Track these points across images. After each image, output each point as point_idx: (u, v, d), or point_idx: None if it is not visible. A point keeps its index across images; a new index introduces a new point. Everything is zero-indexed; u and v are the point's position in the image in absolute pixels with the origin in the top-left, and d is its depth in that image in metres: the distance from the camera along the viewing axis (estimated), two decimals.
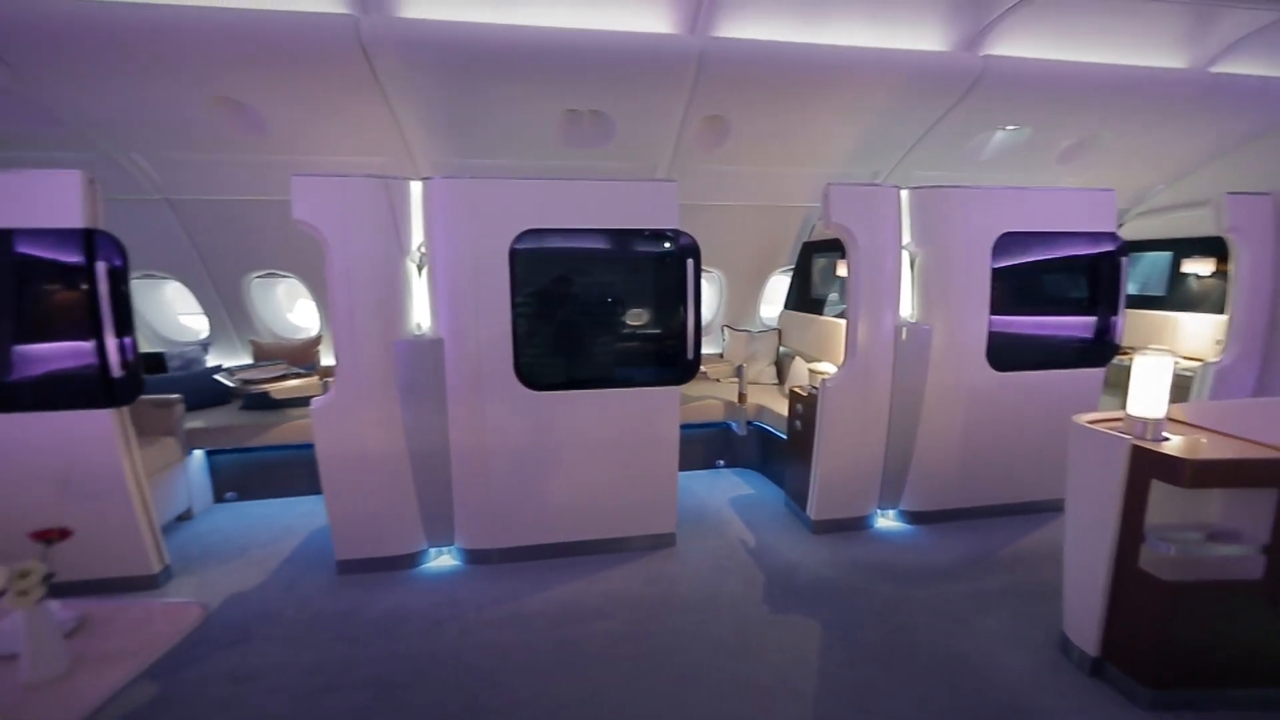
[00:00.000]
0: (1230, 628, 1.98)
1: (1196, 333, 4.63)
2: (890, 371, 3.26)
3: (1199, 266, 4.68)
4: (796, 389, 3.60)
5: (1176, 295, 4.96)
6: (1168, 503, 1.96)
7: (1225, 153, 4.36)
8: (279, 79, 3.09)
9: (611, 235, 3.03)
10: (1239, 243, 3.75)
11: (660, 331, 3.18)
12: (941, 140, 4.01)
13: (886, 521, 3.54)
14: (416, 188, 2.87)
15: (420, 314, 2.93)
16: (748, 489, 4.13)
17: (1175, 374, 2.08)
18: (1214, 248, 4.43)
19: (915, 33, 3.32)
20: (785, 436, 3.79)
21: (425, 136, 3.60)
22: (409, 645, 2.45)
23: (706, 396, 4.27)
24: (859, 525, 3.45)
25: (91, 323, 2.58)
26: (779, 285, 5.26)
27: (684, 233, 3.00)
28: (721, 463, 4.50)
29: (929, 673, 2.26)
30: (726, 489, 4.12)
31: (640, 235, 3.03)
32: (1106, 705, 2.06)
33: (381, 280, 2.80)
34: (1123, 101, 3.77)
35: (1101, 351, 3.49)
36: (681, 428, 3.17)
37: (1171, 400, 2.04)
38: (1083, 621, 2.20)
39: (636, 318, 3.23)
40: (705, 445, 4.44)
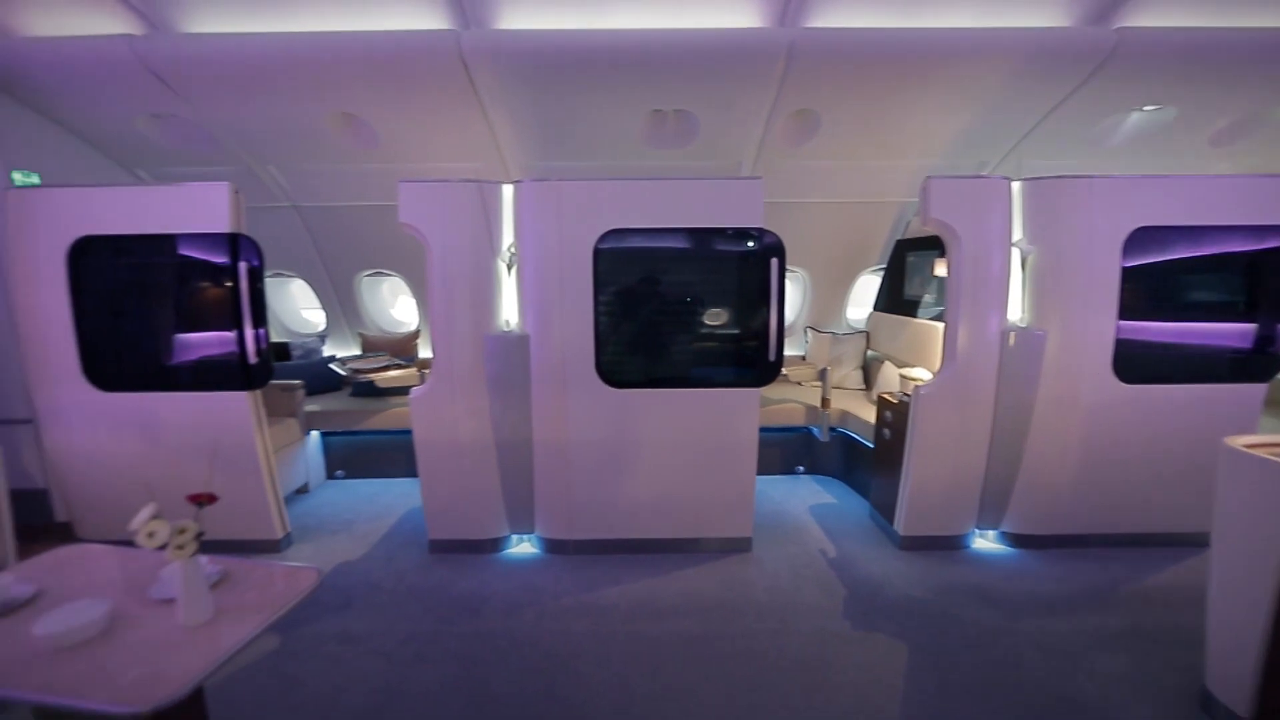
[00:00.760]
0: None
1: None
2: (994, 380, 2.99)
3: None
4: (886, 395, 3.40)
5: None
6: None
7: None
8: (389, 93, 3.36)
9: (694, 234, 3.01)
10: None
11: (741, 332, 3.13)
12: (1062, 126, 3.62)
13: (985, 543, 3.26)
14: (508, 190, 3.01)
15: (509, 311, 3.07)
16: (829, 497, 3.96)
17: None
18: None
19: (1032, 9, 3.02)
20: (872, 445, 3.59)
21: (516, 141, 3.76)
22: (491, 625, 2.58)
23: (787, 400, 4.15)
24: (953, 544, 3.20)
25: (234, 315, 2.95)
26: (868, 285, 5.00)
27: (768, 231, 2.93)
28: (801, 469, 4.35)
29: (1034, 715, 2.05)
30: (806, 496, 3.98)
31: (723, 234, 2.99)
32: None
33: (474, 278, 2.97)
34: None
35: (1263, 365, 3.00)
36: (761, 431, 3.10)
37: None
38: (1231, 675, 1.91)
39: (717, 317, 3.20)
40: (785, 450, 4.31)
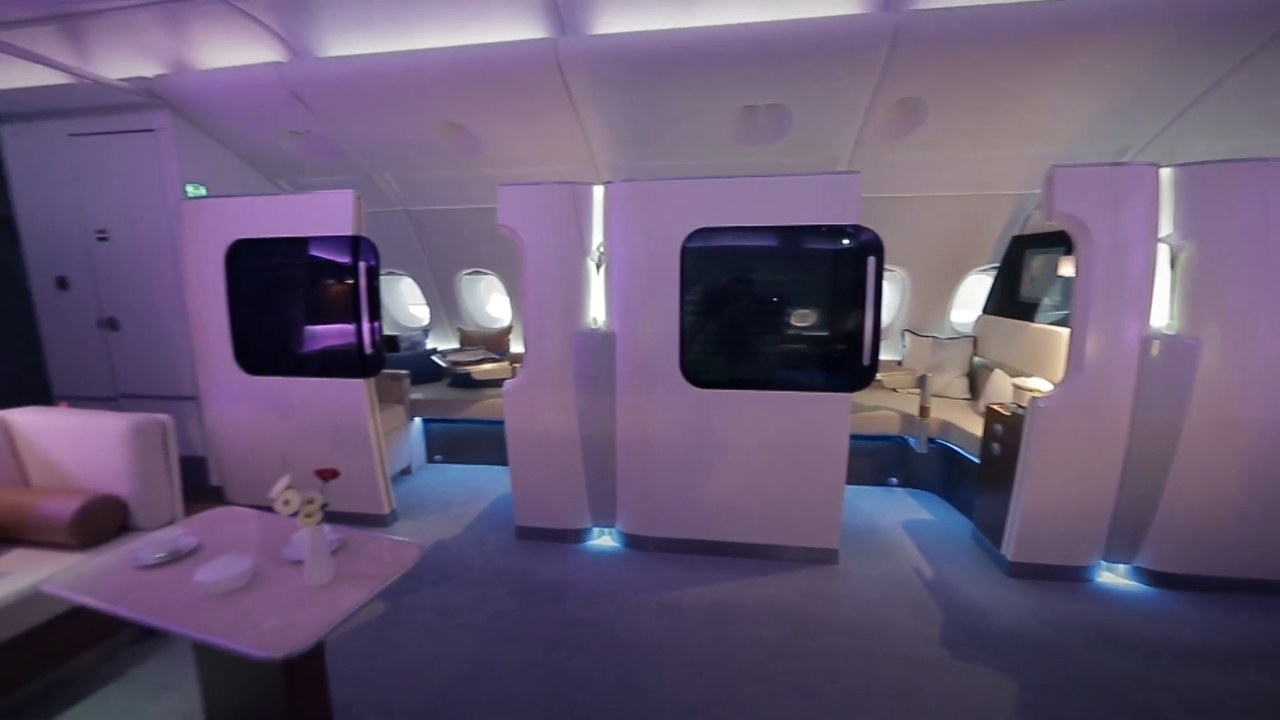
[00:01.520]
0: None
1: None
2: (1130, 394, 2.64)
3: None
4: (995, 407, 3.11)
5: None
6: None
7: None
8: (491, 102, 3.55)
9: (785, 232, 2.92)
10: None
11: (833, 334, 2.99)
12: (1230, 101, 3.11)
13: (1114, 578, 2.89)
14: (598, 191, 3.08)
15: (596, 309, 3.14)
16: (925, 513, 3.69)
17: None
18: None
19: None
20: (978, 460, 3.30)
21: (607, 143, 3.84)
22: (573, 613, 2.66)
23: (881, 407, 3.91)
24: (1074, 576, 2.87)
25: (353, 310, 3.26)
26: (976, 286, 4.59)
27: (865, 228, 2.78)
28: (895, 481, 4.09)
29: None
30: (900, 510, 3.73)
31: (816, 232, 2.88)
32: None
33: (564, 277, 3.07)
34: None
35: None
36: (852, 438, 2.95)
37: None
38: None
39: (808, 319, 3.08)
40: (877, 460, 4.08)
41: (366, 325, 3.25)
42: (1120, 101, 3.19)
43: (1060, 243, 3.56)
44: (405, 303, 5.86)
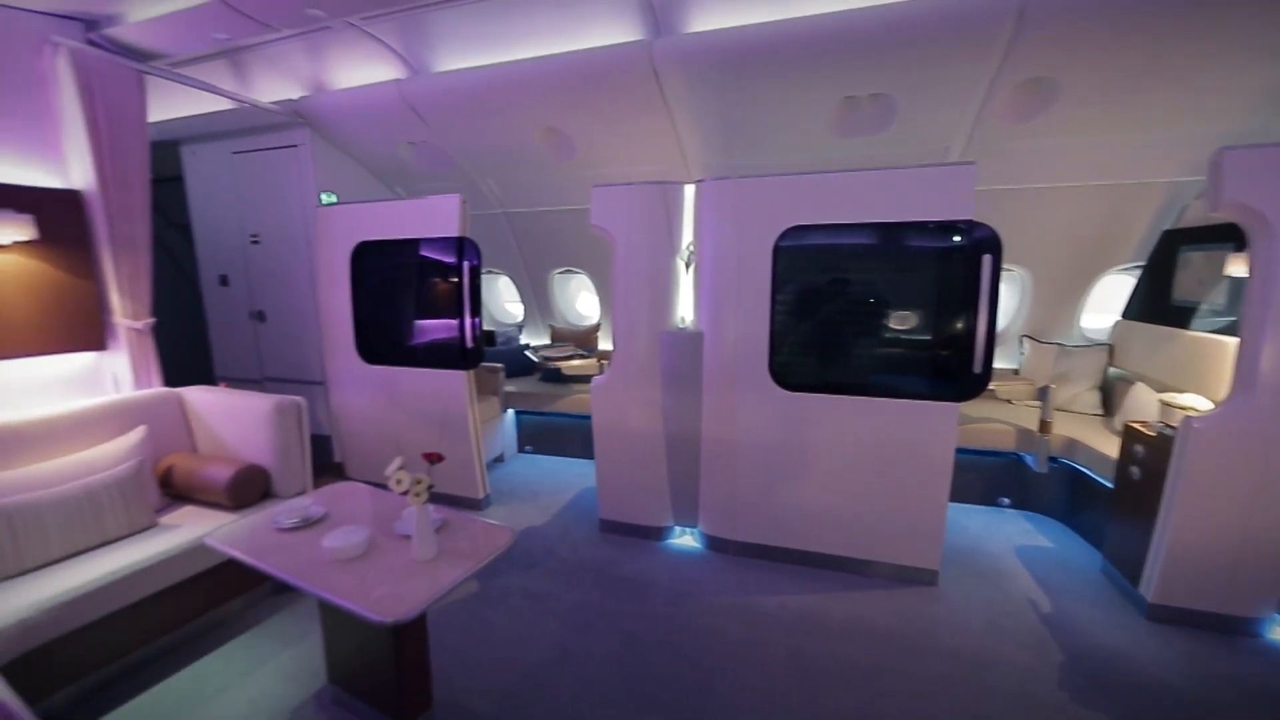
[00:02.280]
0: None
1: None
2: None
3: None
4: (1136, 425, 2.73)
5: None
6: None
7: None
8: (586, 106, 3.65)
9: (887, 229, 2.75)
10: None
11: (939, 338, 2.78)
12: None
13: None
14: (689, 190, 3.07)
15: (685, 308, 3.14)
16: (1043, 540, 3.32)
17: None
18: None
19: None
20: (1111, 484, 2.92)
21: (699, 141, 3.82)
22: (653, 609, 2.68)
23: (993, 419, 3.57)
24: (1235, 627, 2.45)
25: (457, 306, 3.50)
26: (1113, 287, 4.05)
27: (980, 224, 2.54)
28: (1006, 501, 3.72)
29: None
30: (1012, 534, 3.39)
31: (923, 228, 2.68)
32: None
33: (654, 276, 3.09)
34: None
35: None
36: (958, 452, 2.73)
37: None
38: None
39: (910, 321, 2.88)
40: (987, 477, 3.73)
41: (468, 321, 3.48)
42: None
43: (1227, 237, 3.05)
44: (502, 300, 6.19)
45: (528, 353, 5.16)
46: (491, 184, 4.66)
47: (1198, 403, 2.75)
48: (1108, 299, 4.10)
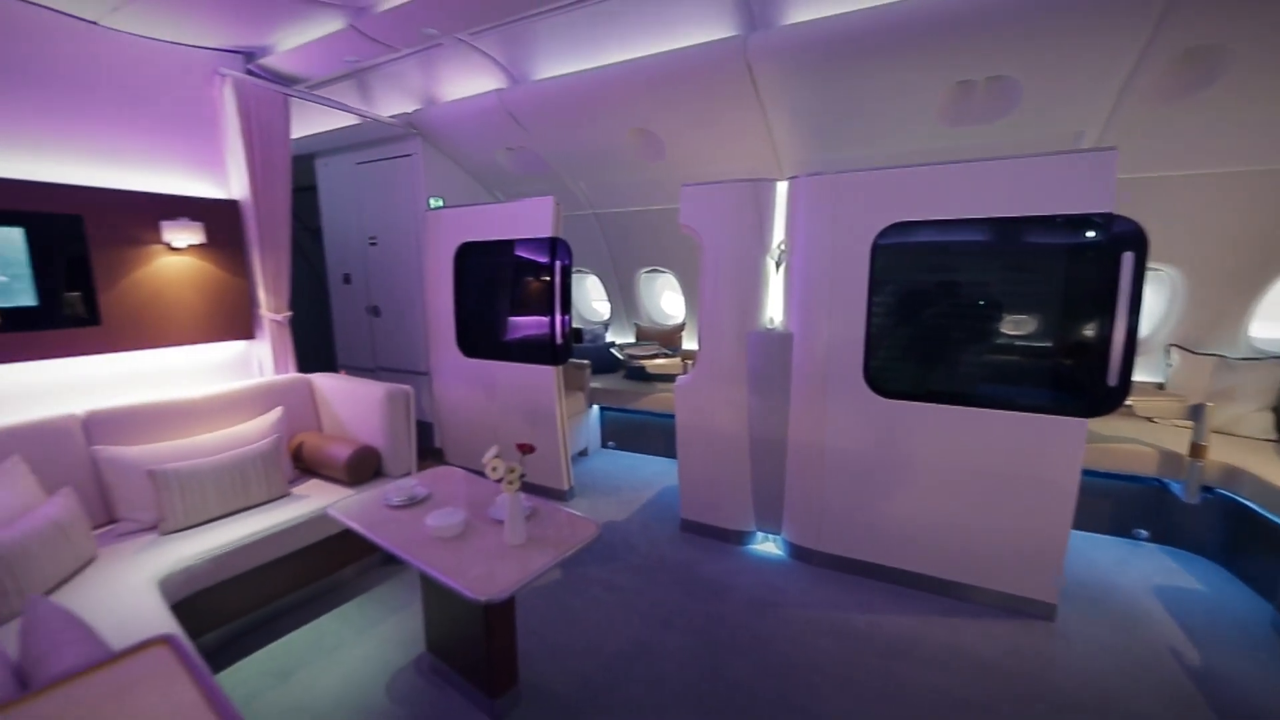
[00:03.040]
0: None
1: None
2: None
3: None
4: None
5: None
6: None
7: None
8: (677, 105, 3.65)
9: (1005, 225, 2.50)
10: None
11: (1065, 345, 2.49)
12: None
13: None
14: (781, 187, 2.98)
15: (774, 309, 3.05)
16: (1190, 581, 2.88)
17: None
18: None
19: None
20: None
21: (793, 137, 3.69)
22: (733, 613, 2.63)
23: (1131, 439, 3.14)
24: None
25: (548, 304, 3.64)
26: None
27: (1121, 217, 2.25)
28: (1144, 534, 3.26)
29: None
30: (1149, 571, 2.97)
31: (1049, 223, 2.41)
32: None
33: (743, 276, 3.04)
34: None
35: None
36: (1085, 474, 2.43)
37: None
38: None
39: (1029, 326, 2.61)
40: (1120, 504, 3.30)
41: (559, 318, 3.60)
42: None
43: None
44: (590, 299, 6.36)
45: (613, 350, 5.26)
46: (583, 185, 4.80)
47: None
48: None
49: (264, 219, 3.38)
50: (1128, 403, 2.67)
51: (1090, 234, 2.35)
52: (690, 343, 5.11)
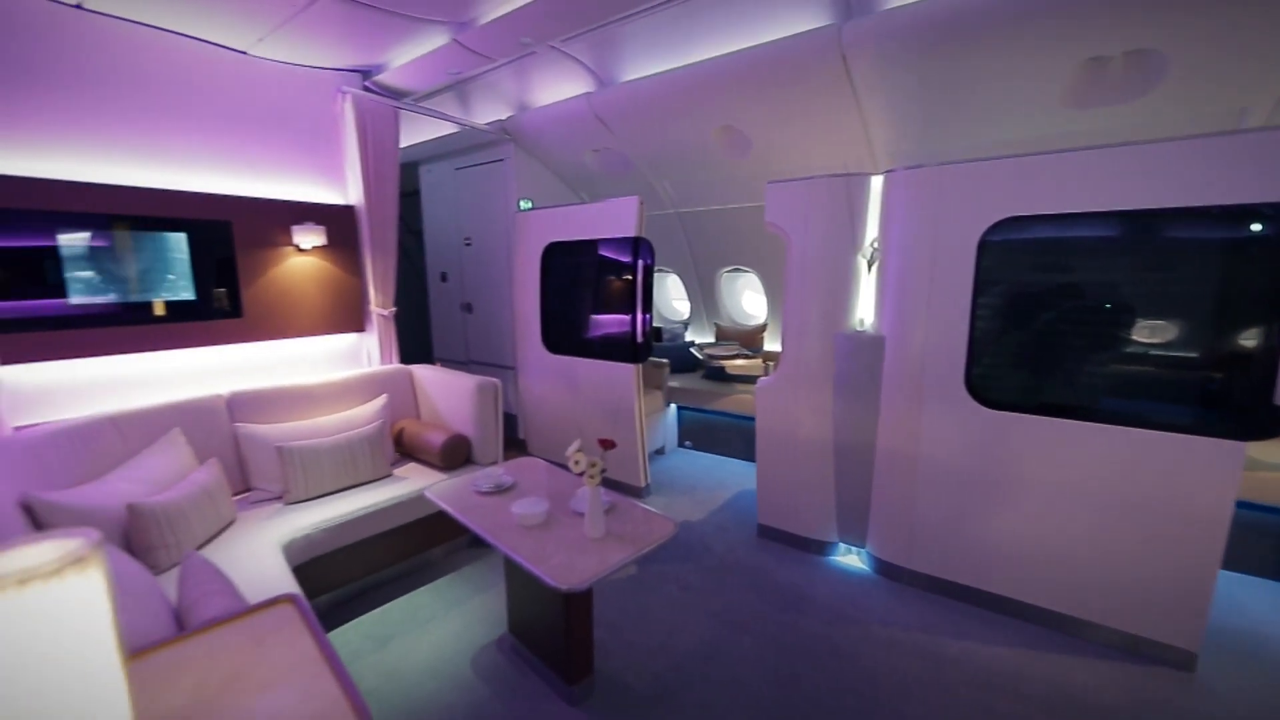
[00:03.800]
0: None
1: None
2: None
3: None
4: None
5: None
6: None
7: None
8: (765, 100, 3.56)
9: (1144, 219, 2.21)
10: None
11: (1214, 356, 2.16)
12: None
13: None
14: (876, 182, 2.82)
15: (864, 310, 2.90)
16: None
17: None
18: None
19: None
20: None
21: (890, 128, 3.48)
22: (811, 625, 2.54)
23: None
24: None
25: (630, 303, 3.69)
26: None
27: None
28: None
29: None
30: None
31: (1203, 216, 2.10)
32: None
33: (831, 275, 2.91)
34: None
35: None
36: (1239, 506, 2.10)
37: None
38: None
39: (1168, 333, 2.29)
40: None
41: (640, 316, 3.64)
42: None
43: None
44: (670, 298, 6.37)
45: (693, 350, 5.24)
46: (666, 185, 4.81)
47: None
48: None
49: (375, 223, 3.69)
50: None
51: (1256, 228, 2.02)
52: (772, 344, 4.98)
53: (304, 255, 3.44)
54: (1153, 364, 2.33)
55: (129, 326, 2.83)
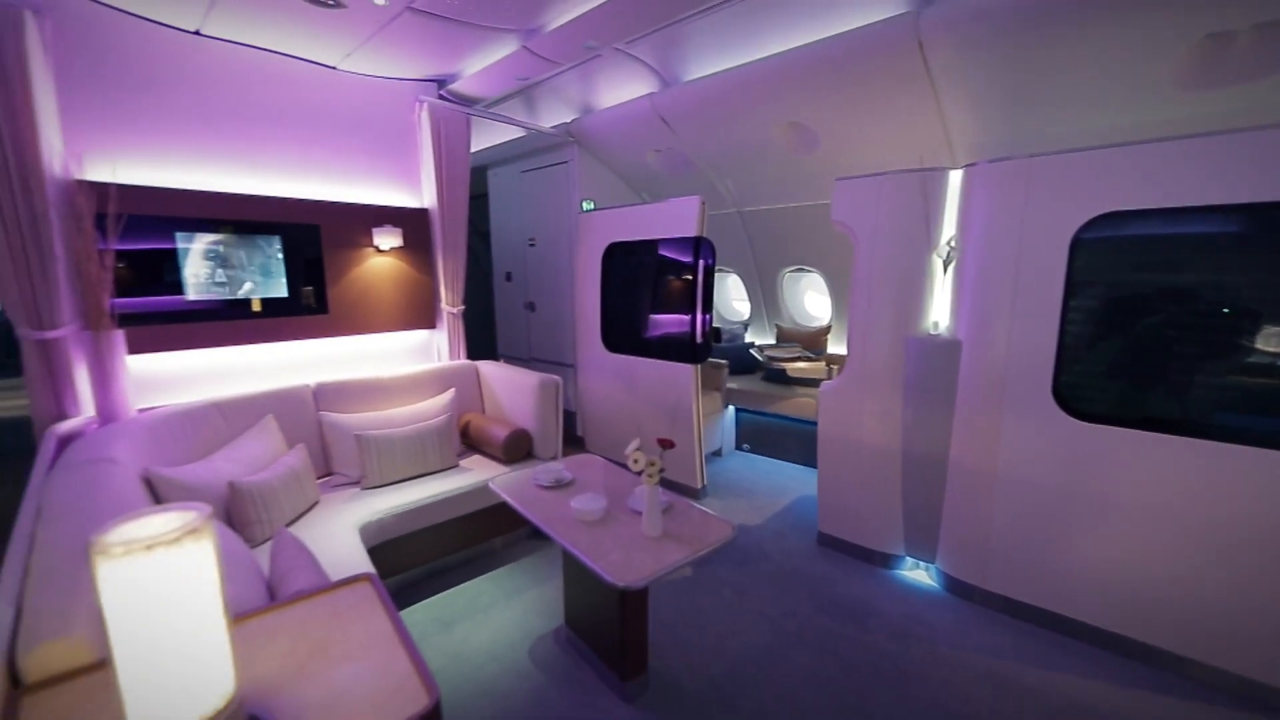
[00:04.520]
0: None
1: None
2: None
3: None
4: None
5: None
6: None
7: None
8: (834, 94, 3.44)
9: (1266, 213, 1.97)
10: None
11: None
12: None
13: None
14: (954, 176, 2.67)
15: (939, 312, 2.75)
16: None
17: None
18: None
19: None
20: None
21: (971, 118, 3.28)
22: (875, 641, 2.43)
23: None
24: None
25: (690, 303, 3.67)
26: None
27: None
28: None
29: None
30: None
31: None
32: None
33: (903, 275, 2.78)
34: None
35: None
36: None
37: None
38: None
39: None
40: None
41: (700, 317, 3.62)
42: None
43: None
44: (730, 298, 6.30)
45: (753, 351, 5.15)
46: (729, 183, 4.75)
47: None
48: None
49: (447, 225, 3.87)
50: None
51: None
52: (836, 346, 4.82)
53: (382, 256, 3.66)
54: (1277, 376, 2.07)
55: (232, 321, 3.11)
